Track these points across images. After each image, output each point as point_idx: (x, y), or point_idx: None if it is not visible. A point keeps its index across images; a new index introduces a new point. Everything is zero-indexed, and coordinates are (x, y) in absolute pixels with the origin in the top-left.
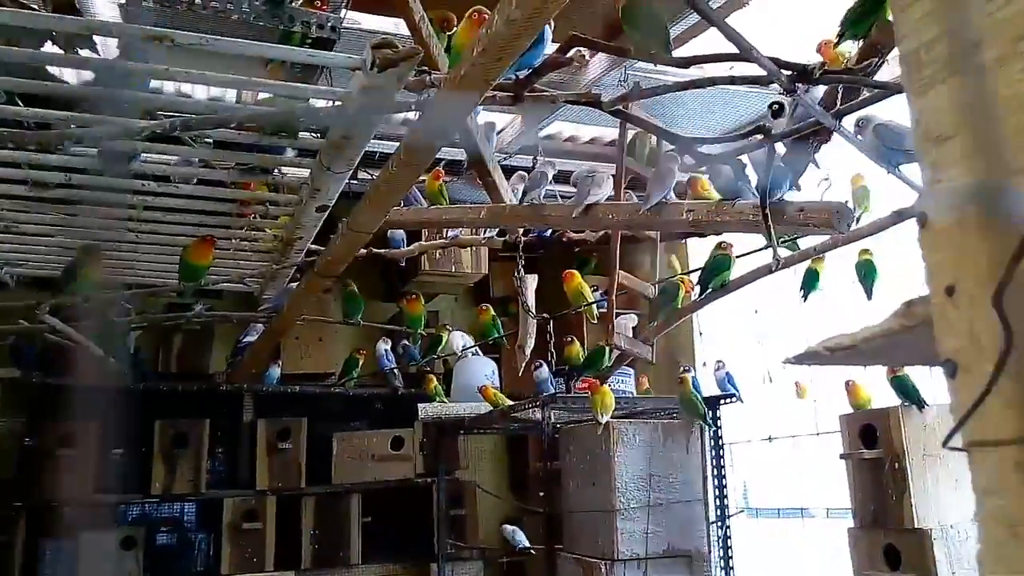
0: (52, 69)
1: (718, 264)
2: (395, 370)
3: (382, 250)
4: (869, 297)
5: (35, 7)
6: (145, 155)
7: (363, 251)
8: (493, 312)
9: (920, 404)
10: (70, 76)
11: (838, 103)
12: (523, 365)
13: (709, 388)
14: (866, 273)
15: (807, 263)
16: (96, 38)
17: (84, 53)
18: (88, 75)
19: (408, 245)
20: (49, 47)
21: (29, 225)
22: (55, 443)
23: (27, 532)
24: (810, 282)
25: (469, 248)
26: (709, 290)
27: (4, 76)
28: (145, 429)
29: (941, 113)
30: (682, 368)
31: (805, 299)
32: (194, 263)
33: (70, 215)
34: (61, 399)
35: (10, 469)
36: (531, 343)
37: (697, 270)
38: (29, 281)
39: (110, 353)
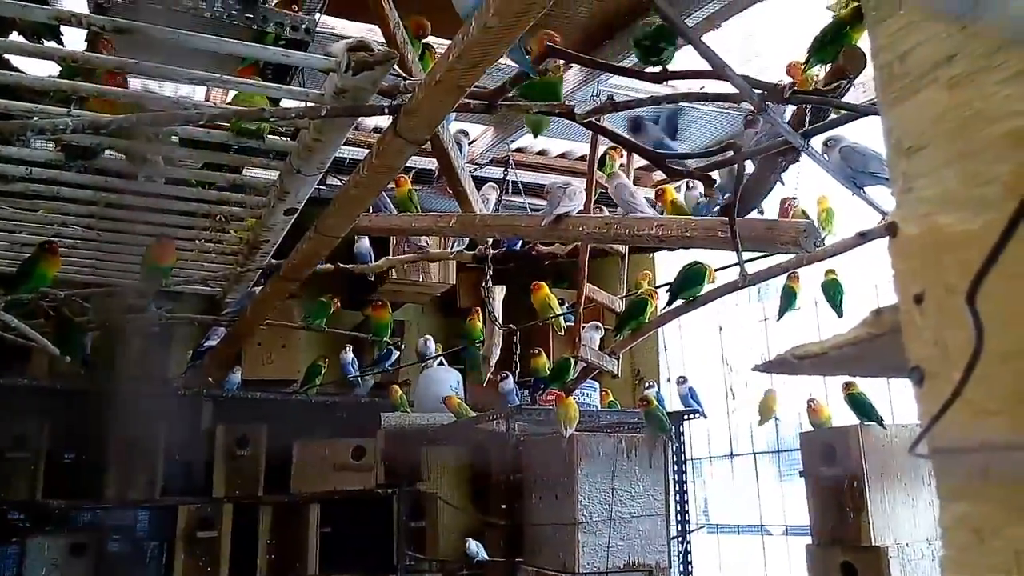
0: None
1: (692, 276)
2: (359, 378)
3: (349, 265)
4: (840, 315)
5: None
6: (109, 151)
7: (330, 266)
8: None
9: (878, 420)
10: (34, 67)
11: (806, 123)
12: (488, 376)
13: (673, 403)
14: (833, 292)
15: (782, 281)
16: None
17: (50, 45)
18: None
19: (376, 259)
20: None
21: None
22: (5, 445)
23: None
24: (788, 300)
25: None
26: (679, 302)
27: None
28: (100, 432)
29: (914, 124)
30: (646, 384)
31: (781, 317)
32: (155, 264)
33: (29, 210)
34: (12, 399)
35: None
36: (497, 354)
37: (665, 285)
38: None
39: (65, 353)
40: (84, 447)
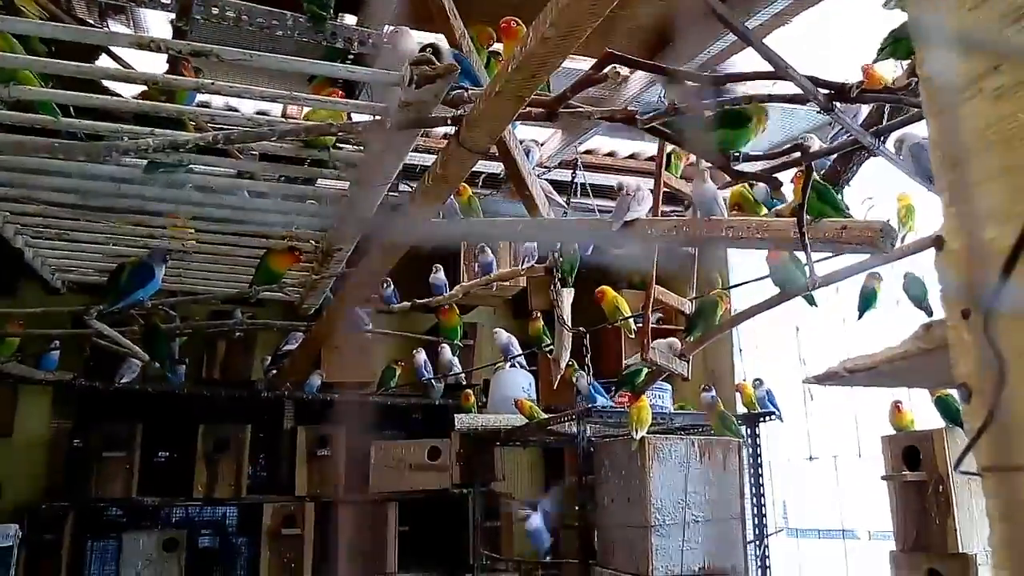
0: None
1: (706, 308)
2: (433, 380)
3: (424, 300)
4: (929, 313)
5: (92, 23)
6: (193, 166)
7: (407, 304)
8: (543, 322)
9: (962, 425)
10: (122, 89)
11: (885, 122)
12: (558, 378)
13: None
14: (917, 291)
15: (862, 281)
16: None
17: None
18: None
19: (450, 288)
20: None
21: (80, 233)
22: (102, 445)
23: (74, 531)
24: (868, 300)
25: (507, 262)
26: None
27: (59, 89)
28: (189, 433)
29: (958, 136)
30: (701, 387)
31: (861, 316)
32: (274, 269)
33: (119, 223)
34: (108, 402)
35: (59, 469)
36: (566, 356)
37: (738, 284)
38: (79, 287)
39: (155, 359)
40: (176, 447)
